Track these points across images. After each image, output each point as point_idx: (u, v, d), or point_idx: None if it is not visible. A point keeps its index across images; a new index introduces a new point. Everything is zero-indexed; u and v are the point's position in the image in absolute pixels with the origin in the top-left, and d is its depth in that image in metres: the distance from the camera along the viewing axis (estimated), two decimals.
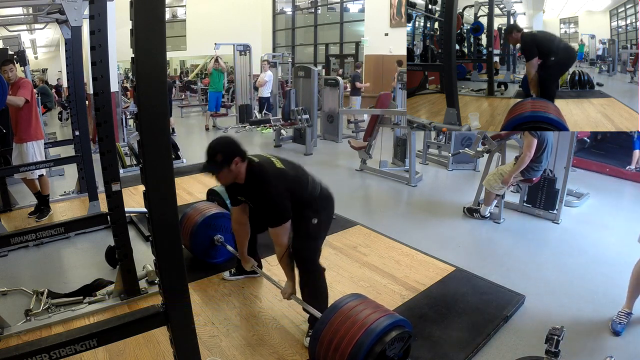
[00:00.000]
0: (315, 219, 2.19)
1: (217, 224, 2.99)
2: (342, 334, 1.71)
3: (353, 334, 1.68)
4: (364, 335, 1.66)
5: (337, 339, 1.71)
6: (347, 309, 1.80)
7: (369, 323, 1.70)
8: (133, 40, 1.21)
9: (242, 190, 2.19)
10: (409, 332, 1.77)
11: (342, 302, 1.85)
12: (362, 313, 1.76)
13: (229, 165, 2.01)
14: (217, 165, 2.01)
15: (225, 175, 2.05)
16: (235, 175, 2.07)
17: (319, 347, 1.77)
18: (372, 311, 1.78)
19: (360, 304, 1.83)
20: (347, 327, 1.72)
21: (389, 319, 1.74)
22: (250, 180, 2.09)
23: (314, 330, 1.83)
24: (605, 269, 3.11)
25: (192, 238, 2.91)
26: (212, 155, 2.01)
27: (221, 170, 2.02)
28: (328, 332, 1.75)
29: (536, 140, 3.50)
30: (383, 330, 1.68)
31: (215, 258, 3.03)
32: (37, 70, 17.45)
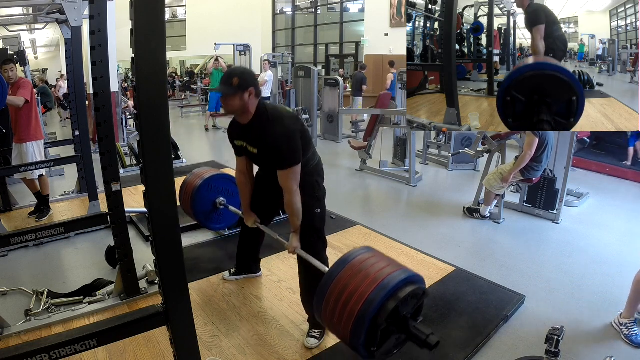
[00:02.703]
0: (319, 209, 2.19)
1: (218, 186, 2.88)
2: (351, 290, 1.50)
3: (364, 290, 1.47)
4: (376, 291, 1.45)
5: (345, 295, 1.50)
6: (357, 263, 1.58)
7: (381, 277, 1.48)
8: (133, 40, 1.21)
9: (246, 131, 2.11)
10: (423, 288, 1.56)
11: (352, 255, 1.63)
12: (373, 267, 1.54)
13: (242, 93, 1.94)
14: (231, 88, 1.94)
15: (235, 102, 1.96)
16: (243, 107, 1.98)
17: (325, 304, 1.55)
18: (385, 265, 1.56)
19: (371, 257, 1.61)
20: (358, 282, 1.50)
21: (404, 274, 1.52)
22: (260, 119, 2.02)
23: (320, 286, 1.60)
24: (605, 269, 3.11)
25: (194, 203, 2.79)
26: (228, 77, 1.96)
27: (234, 95, 1.95)
28: (336, 288, 1.54)
29: (537, 139, 3.50)
30: (397, 286, 1.47)
31: (218, 223, 2.95)
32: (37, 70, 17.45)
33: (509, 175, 3.67)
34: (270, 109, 2.04)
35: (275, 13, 17.20)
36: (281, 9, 17.17)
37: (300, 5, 16.41)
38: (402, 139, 5.79)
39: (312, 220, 2.18)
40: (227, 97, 1.97)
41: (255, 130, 2.05)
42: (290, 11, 16.74)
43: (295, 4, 16.47)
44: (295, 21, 16.57)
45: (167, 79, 10.98)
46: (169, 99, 3.11)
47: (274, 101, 9.69)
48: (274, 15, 17.18)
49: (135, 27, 1.20)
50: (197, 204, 2.82)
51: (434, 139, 6.44)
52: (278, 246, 3.11)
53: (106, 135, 2.39)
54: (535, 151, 3.56)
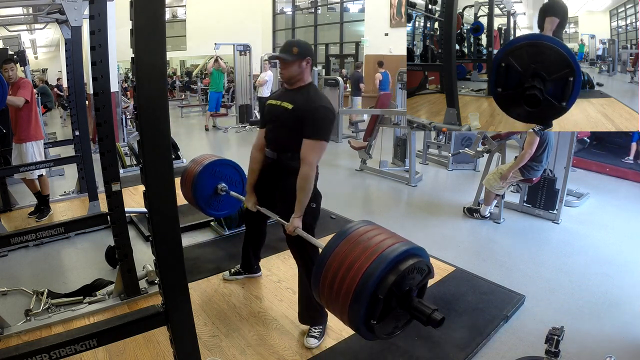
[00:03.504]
0: (314, 203, 2.17)
1: (219, 172, 2.84)
2: (349, 262, 1.41)
3: (362, 262, 1.38)
4: (375, 263, 1.36)
5: (343, 268, 1.40)
6: (356, 235, 1.48)
7: (381, 249, 1.39)
8: (133, 40, 1.21)
9: (290, 93, 2.18)
10: (427, 263, 1.47)
11: (350, 228, 1.53)
12: (373, 239, 1.45)
13: (300, 61, 2.09)
14: (291, 55, 2.08)
15: (293, 68, 2.10)
16: (300, 74, 2.12)
17: (322, 279, 1.45)
18: (385, 237, 1.47)
19: (371, 230, 1.51)
20: (356, 254, 1.41)
21: (405, 246, 1.43)
22: (309, 88, 2.15)
23: (317, 262, 1.51)
24: (605, 269, 3.11)
25: (195, 188, 2.75)
26: (289, 46, 2.10)
27: (293, 61, 2.08)
28: (333, 262, 1.44)
29: (538, 137, 3.50)
30: (398, 258, 1.38)
31: (218, 210, 2.92)
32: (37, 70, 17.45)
33: (508, 173, 3.67)
34: (316, 88, 2.21)
35: (275, 13, 17.20)
36: (281, 9, 17.17)
37: (300, 5, 16.41)
38: (402, 139, 5.79)
39: (306, 215, 2.13)
40: (287, 63, 2.09)
41: (301, 94, 2.14)
42: (290, 11, 16.73)
43: (295, 4, 16.47)
44: (295, 21, 16.57)
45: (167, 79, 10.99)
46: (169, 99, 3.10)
47: None
48: (274, 15, 17.18)
49: (135, 27, 1.20)
50: (198, 189, 2.76)
51: (434, 139, 6.44)
52: (278, 246, 3.13)
53: (106, 135, 2.38)
54: (535, 150, 3.56)
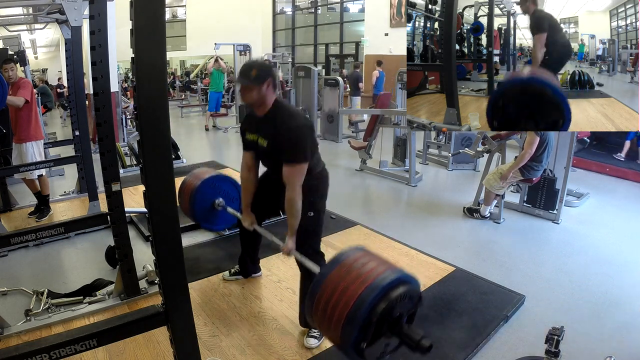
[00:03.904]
0: (311, 212, 2.16)
1: (217, 187, 2.88)
2: (342, 289, 1.46)
3: (355, 289, 1.43)
4: (367, 290, 1.41)
5: (336, 295, 1.45)
6: (349, 262, 1.54)
7: (372, 277, 1.44)
8: (133, 40, 1.21)
9: (259, 123, 2.14)
10: (418, 291, 1.52)
11: (343, 255, 1.59)
12: (365, 266, 1.51)
13: (260, 85, 2.00)
14: (249, 79, 1.99)
15: (253, 92, 2.01)
16: (261, 98, 2.03)
17: (316, 304, 1.50)
18: (377, 264, 1.52)
19: (363, 257, 1.57)
20: (348, 281, 1.47)
21: (396, 274, 1.48)
22: (275, 112, 2.06)
23: (311, 288, 1.56)
24: (605, 269, 3.11)
25: (192, 202, 2.79)
26: (247, 69, 2.02)
27: (252, 86, 2.00)
28: (327, 287, 1.49)
29: (538, 138, 3.51)
30: (389, 286, 1.42)
31: (216, 224, 2.96)
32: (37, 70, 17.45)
33: (508, 173, 3.67)
34: (285, 104, 2.12)
35: (275, 13, 17.20)
36: (281, 9, 17.17)
37: (300, 5, 16.41)
38: (402, 139, 5.79)
39: (305, 223, 2.15)
40: (246, 88, 2.02)
41: (270, 122, 2.08)
42: (290, 11, 16.74)
43: (295, 4, 16.47)
44: (295, 21, 16.57)
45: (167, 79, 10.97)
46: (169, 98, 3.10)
47: None
48: (274, 15, 17.18)
49: (135, 27, 1.20)
50: (196, 204, 2.81)
51: (434, 139, 6.43)
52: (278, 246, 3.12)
53: (106, 135, 2.39)
54: (535, 150, 3.56)
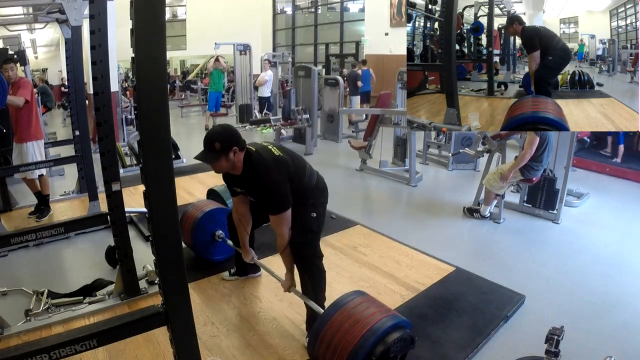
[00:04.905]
0: (314, 213, 2.18)
1: (217, 220, 2.97)
2: (343, 332, 1.68)
3: (355, 333, 1.65)
4: (366, 335, 1.63)
5: (338, 337, 1.68)
6: (350, 307, 1.76)
7: (372, 323, 1.67)
8: (133, 40, 1.21)
9: (239, 181, 2.16)
10: (411, 335, 1.75)
11: (345, 299, 1.81)
12: (365, 312, 1.73)
13: (226, 155, 1.97)
14: (214, 153, 1.96)
15: (222, 164, 2.00)
16: (232, 165, 2.03)
17: (319, 344, 1.73)
18: (375, 310, 1.75)
19: (363, 302, 1.80)
20: (350, 325, 1.69)
21: (392, 320, 1.71)
22: (248, 170, 2.06)
23: (314, 327, 1.79)
24: (605, 269, 3.11)
25: (193, 234, 2.90)
26: (210, 143, 1.97)
27: (218, 160, 1.98)
28: (329, 330, 1.72)
29: (538, 138, 3.51)
30: (386, 331, 1.66)
31: (215, 255, 3.02)
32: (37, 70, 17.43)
33: (509, 173, 3.67)
34: (255, 159, 2.05)
35: (276, 13, 17.20)
36: (281, 9, 17.17)
37: (300, 5, 16.41)
38: (402, 138, 5.79)
39: (305, 224, 2.17)
40: (214, 162, 2.00)
41: (247, 180, 2.10)
42: (291, 11, 16.74)
43: (295, 3, 16.47)
44: (295, 21, 16.57)
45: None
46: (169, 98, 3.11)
47: (274, 101, 9.70)
48: (274, 14, 17.18)
49: (135, 27, 1.20)
50: (196, 236, 2.92)
51: (434, 139, 6.43)
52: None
53: (106, 135, 2.38)
54: (535, 150, 3.56)
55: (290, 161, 2.14)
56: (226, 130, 2.06)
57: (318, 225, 2.22)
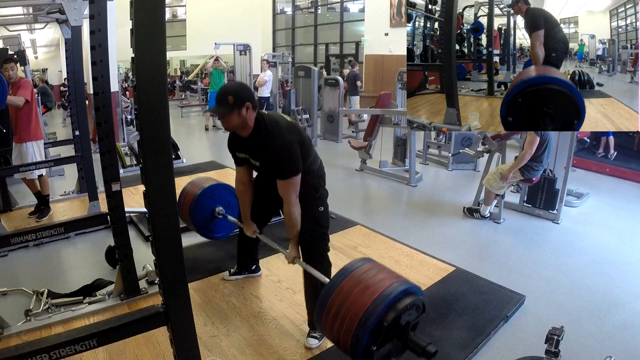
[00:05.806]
0: (322, 207, 2.18)
1: (216, 196, 2.89)
2: (353, 299, 1.54)
3: (365, 300, 1.51)
4: (378, 300, 1.49)
5: (346, 306, 1.54)
6: (358, 274, 1.63)
7: (382, 288, 1.53)
8: (133, 40, 1.21)
9: (246, 144, 2.13)
10: (422, 300, 1.60)
11: (353, 266, 1.68)
12: (374, 278, 1.59)
13: (239, 109, 1.95)
14: (227, 107, 1.94)
15: (233, 119, 1.97)
16: (243, 122, 1.99)
17: (325, 314, 1.59)
18: (385, 276, 1.61)
19: (371, 269, 1.66)
20: (359, 291, 1.55)
21: (403, 285, 1.56)
22: (259, 131, 2.03)
23: (321, 296, 1.63)
24: (605, 269, 3.11)
25: (192, 211, 2.81)
26: (223, 96, 1.95)
27: (230, 113, 1.95)
28: (337, 298, 1.58)
29: (538, 138, 3.51)
30: (397, 297, 1.51)
31: (216, 232, 2.96)
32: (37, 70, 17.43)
33: (509, 173, 3.67)
34: (268, 121, 2.04)
35: (275, 13, 17.21)
36: (281, 9, 17.18)
37: (300, 5, 16.42)
38: (402, 139, 5.79)
39: (315, 219, 2.17)
40: (225, 116, 1.97)
41: (256, 142, 2.07)
42: (290, 11, 16.74)
43: (295, 3, 16.48)
44: (295, 21, 16.58)
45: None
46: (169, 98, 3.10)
47: (274, 101, 9.70)
48: (274, 15, 17.19)
49: (135, 27, 1.20)
50: (195, 212, 2.83)
51: (434, 139, 6.44)
52: None
53: (106, 135, 2.39)
54: (535, 150, 3.56)
55: (302, 131, 2.16)
56: (240, 86, 2.07)
57: (326, 220, 2.23)
